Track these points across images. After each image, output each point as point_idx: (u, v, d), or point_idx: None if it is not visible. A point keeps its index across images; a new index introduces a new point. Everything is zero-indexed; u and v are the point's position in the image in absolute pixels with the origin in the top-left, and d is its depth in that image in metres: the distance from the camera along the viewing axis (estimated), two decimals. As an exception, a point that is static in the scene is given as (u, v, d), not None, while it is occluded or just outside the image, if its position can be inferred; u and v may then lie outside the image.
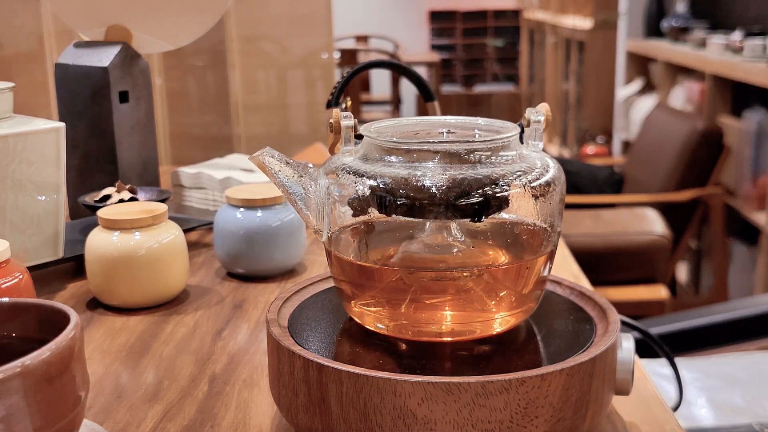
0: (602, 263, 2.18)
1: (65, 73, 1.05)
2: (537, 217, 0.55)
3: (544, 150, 0.58)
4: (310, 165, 0.56)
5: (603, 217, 2.38)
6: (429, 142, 0.53)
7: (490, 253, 0.58)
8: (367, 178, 0.53)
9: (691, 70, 2.98)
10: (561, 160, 3.08)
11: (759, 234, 2.36)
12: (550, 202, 0.55)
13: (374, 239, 0.57)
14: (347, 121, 0.56)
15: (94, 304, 0.82)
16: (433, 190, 0.51)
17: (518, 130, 0.56)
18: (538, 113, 0.57)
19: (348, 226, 0.57)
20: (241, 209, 0.87)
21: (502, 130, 0.56)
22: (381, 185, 0.53)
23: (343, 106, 0.58)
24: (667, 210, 2.45)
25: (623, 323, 0.80)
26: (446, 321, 0.55)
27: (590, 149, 3.85)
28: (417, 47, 7.08)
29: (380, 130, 0.57)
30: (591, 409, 0.51)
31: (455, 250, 0.57)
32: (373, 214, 0.54)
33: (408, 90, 5.97)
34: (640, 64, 3.71)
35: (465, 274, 0.54)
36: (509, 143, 0.55)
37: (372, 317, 0.56)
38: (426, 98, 0.90)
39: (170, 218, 0.86)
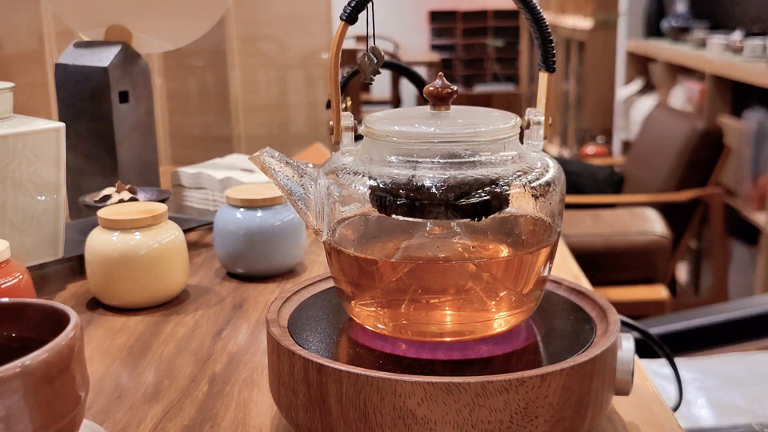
0: (602, 263, 2.18)
1: (65, 73, 1.05)
2: (537, 217, 0.55)
3: (544, 150, 0.58)
4: (310, 165, 0.56)
5: (603, 217, 2.38)
6: (429, 142, 0.53)
7: (491, 251, 0.58)
8: (367, 178, 0.53)
9: (691, 70, 2.98)
10: (561, 160, 3.08)
11: (759, 234, 2.36)
12: (550, 202, 0.55)
13: (374, 239, 0.57)
14: (347, 121, 0.56)
15: (94, 304, 0.82)
16: (433, 190, 0.51)
17: (518, 130, 0.56)
18: (538, 113, 0.57)
19: (348, 226, 0.57)
20: (241, 209, 0.87)
21: (502, 131, 0.56)
22: (381, 185, 0.53)
23: (343, 106, 0.58)
24: (667, 210, 2.45)
25: (623, 323, 0.80)
26: (446, 321, 0.55)
27: (590, 149, 3.85)
28: (417, 47, 7.08)
29: (380, 130, 0.56)
30: (591, 409, 0.51)
31: (455, 249, 0.57)
32: (376, 213, 0.54)
33: (408, 90, 5.97)
34: (640, 64, 3.71)
35: (465, 270, 0.54)
36: (509, 143, 0.55)
37: (372, 317, 0.56)
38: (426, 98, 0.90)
39: (170, 218, 0.86)
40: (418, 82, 0.80)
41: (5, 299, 0.48)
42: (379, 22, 0.59)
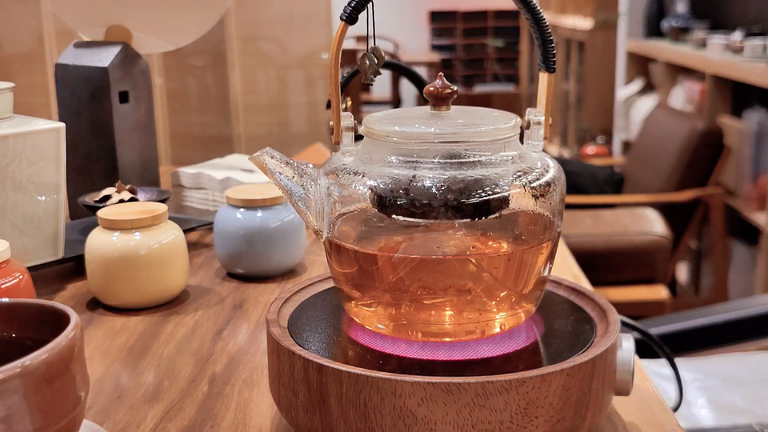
0: (602, 263, 2.18)
1: (65, 73, 1.05)
2: (537, 217, 0.55)
3: (544, 150, 0.58)
4: (310, 165, 0.56)
5: (603, 217, 2.38)
6: (429, 142, 0.53)
7: (491, 251, 0.58)
8: (368, 178, 0.53)
9: (691, 70, 2.98)
10: (561, 160, 3.08)
11: (759, 234, 2.36)
12: (550, 202, 0.55)
13: (374, 239, 0.57)
14: (347, 121, 0.56)
15: (94, 304, 0.82)
16: (434, 190, 0.51)
17: (518, 130, 0.56)
18: (538, 113, 0.57)
19: (348, 226, 0.57)
20: (241, 209, 0.87)
21: (502, 131, 0.56)
22: (381, 185, 0.53)
23: (343, 106, 0.58)
24: (667, 210, 2.45)
25: (623, 323, 0.80)
26: (446, 321, 0.55)
27: (590, 149, 3.85)
28: (417, 47, 7.08)
29: (380, 130, 0.56)
30: (591, 410, 0.51)
31: (455, 249, 0.57)
32: (374, 213, 0.54)
33: (408, 90, 5.96)
34: (640, 64, 3.71)
35: (465, 270, 0.54)
36: (509, 143, 0.55)
37: (372, 317, 0.56)
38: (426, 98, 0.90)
39: (170, 218, 0.86)
40: (418, 82, 0.80)
41: (5, 299, 0.48)
42: (379, 22, 0.59)
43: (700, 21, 3.33)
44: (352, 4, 0.53)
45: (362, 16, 0.55)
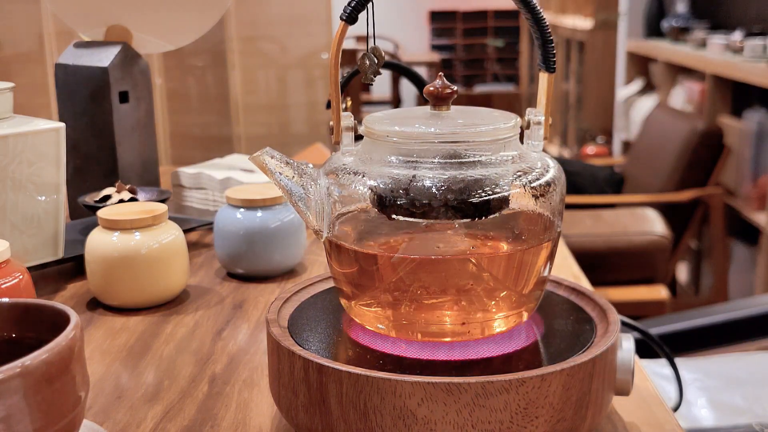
0: (602, 263, 2.18)
1: (65, 73, 1.05)
2: (537, 217, 0.55)
3: (544, 150, 0.58)
4: (310, 165, 0.56)
5: (603, 217, 2.38)
6: (429, 142, 0.53)
7: (491, 251, 0.58)
8: (368, 178, 0.53)
9: (691, 70, 2.98)
10: (561, 160, 3.08)
11: (759, 234, 2.36)
12: (550, 202, 0.55)
13: (374, 239, 0.57)
14: (347, 121, 0.56)
15: (94, 304, 0.82)
16: (434, 190, 0.51)
17: (518, 130, 0.56)
18: (539, 113, 0.57)
19: (348, 226, 0.57)
20: (241, 209, 0.87)
21: (502, 131, 0.56)
22: (381, 185, 0.53)
23: (344, 106, 0.58)
24: (667, 210, 2.45)
25: (623, 323, 0.80)
26: (446, 321, 0.55)
27: (590, 149, 3.85)
28: (417, 47, 7.08)
29: (380, 130, 0.56)
30: (591, 410, 0.51)
31: (455, 249, 0.57)
32: (374, 213, 0.54)
33: (408, 90, 5.96)
34: (640, 64, 3.71)
35: (465, 270, 0.54)
36: (509, 143, 0.55)
37: (372, 317, 0.56)
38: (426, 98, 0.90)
39: (170, 218, 0.86)
40: (418, 82, 0.80)
41: (5, 299, 0.48)
42: (379, 22, 0.59)
43: (700, 21, 3.33)
44: (352, 4, 0.53)
45: (362, 16, 0.55)
